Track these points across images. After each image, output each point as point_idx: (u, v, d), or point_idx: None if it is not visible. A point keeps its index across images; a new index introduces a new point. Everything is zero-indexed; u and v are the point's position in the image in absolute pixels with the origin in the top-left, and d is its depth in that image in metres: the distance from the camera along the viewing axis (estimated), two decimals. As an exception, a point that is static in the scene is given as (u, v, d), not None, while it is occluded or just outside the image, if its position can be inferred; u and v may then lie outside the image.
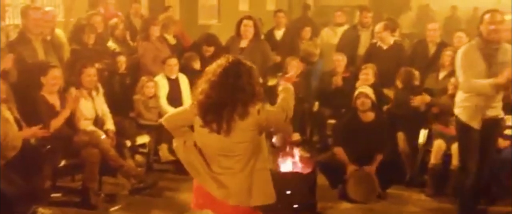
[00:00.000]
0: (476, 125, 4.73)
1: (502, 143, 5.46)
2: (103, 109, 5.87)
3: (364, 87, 5.88)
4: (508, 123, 5.56)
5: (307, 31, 8.49)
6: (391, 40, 7.33)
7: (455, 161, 5.41)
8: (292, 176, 5.01)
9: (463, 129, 4.83)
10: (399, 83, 6.43)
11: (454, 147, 5.35)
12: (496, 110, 4.80)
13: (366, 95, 5.64)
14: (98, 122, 5.76)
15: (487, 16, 4.67)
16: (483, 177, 4.90)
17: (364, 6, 9.10)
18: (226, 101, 3.07)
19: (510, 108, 5.56)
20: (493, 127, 4.81)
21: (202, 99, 3.11)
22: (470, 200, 4.94)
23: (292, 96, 3.41)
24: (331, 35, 8.81)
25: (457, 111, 4.87)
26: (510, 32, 7.33)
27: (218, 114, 3.08)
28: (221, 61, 3.16)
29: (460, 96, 4.86)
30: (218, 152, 3.20)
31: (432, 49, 7.13)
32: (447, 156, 5.65)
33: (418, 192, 5.70)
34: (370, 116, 5.69)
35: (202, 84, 3.14)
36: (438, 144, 5.69)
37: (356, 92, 5.76)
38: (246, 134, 3.12)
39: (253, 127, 3.12)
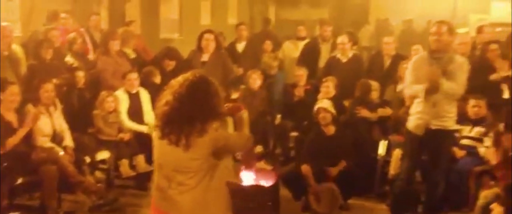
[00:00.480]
0: (419, 131, 4.90)
1: (458, 153, 5.60)
2: (62, 124, 5.77)
3: (323, 102, 5.93)
4: (464, 133, 5.70)
5: (268, 45, 8.56)
6: (350, 53, 7.46)
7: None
8: (255, 189, 5.00)
9: (407, 135, 5.07)
10: (356, 94, 6.57)
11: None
12: (446, 122, 4.88)
13: (325, 110, 5.70)
14: (56, 138, 5.65)
15: (433, 27, 4.89)
16: (435, 186, 5.03)
17: (324, 20, 9.23)
18: (189, 114, 3.02)
19: (466, 119, 5.73)
20: (441, 138, 4.90)
21: (166, 110, 3.06)
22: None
23: (247, 124, 3.40)
24: (293, 49, 8.89)
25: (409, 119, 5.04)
26: (465, 45, 7.62)
27: (178, 127, 3.04)
28: (188, 75, 3.11)
29: (413, 105, 5.03)
30: (173, 167, 3.12)
31: (387, 61, 7.30)
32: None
33: (379, 202, 5.77)
34: (331, 129, 5.75)
35: (167, 96, 3.08)
36: (396, 154, 5.78)
37: (315, 108, 5.81)
38: (201, 151, 3.05)
39: (209, 144, 3.05)
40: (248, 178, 5.12)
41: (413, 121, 4.99)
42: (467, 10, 16.19)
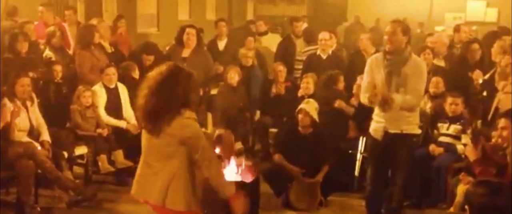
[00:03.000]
0: (377, 135, 4.80)
1: (436, 150, 5.66)
2: (38, 119, 5.68)
3: (309, 103, 5.79)
4: (442, 131, 5.77)
5: (250, 41, 8.57)
6: (330, 50, 7.51)
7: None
8: (236, 185, 4.98)
9: (369, 139, 5.03)
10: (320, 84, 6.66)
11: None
12: (403, 126, 4.71)
13: (307, 113, 5.63)
14: (33, 133, 5.56)
15: (387, 27, 4.72)
16: (398, 188, 4.87)
17: (295, 17, 9.49)
18: (162, 105, 3.22)
19: (444, 117, 5.81)
20: (399, 142, 4.74)
21: (142, 103, 3.26)
22: (372, 205, 5.09)
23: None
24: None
25: None
26: (442, 44, 7.74)
27: (153, 118, 3.25)
28: (162, 69, 3.30)
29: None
30: (148, 153, 3.38)
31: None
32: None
33: (359, 199, 5.79)
34: (308, 130, 5.72)
35: (144, 89, 3.28)
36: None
37: (299, 107, 5.74)
38: (169, 137, 3.23)
39: (176, 131, 3.21)
40: (228, 173, 5.11)
41: (373, 124, 4.89)
42: (443, 9, 16.42)
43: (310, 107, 5.69)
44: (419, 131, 4.98)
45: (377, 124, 4.83)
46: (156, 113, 3.22)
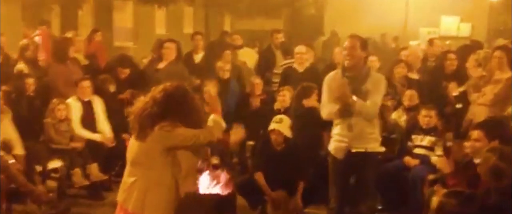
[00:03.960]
0: (339, 155, 4.60)
1: (411, 161, 5.70)
2: (11, 133, 5.59)
3: (281, 122, 5.62)
4: (416, 142, 5.82)
5: (227, 54, 8.58)
6: (306, 63, 7.55)
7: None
8: (212, 198, 4.96)
9: (330, 158, 4.77)
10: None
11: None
12: (367, 144, 4.55)
13: (279, 133, 5.51)
14: (5, 146, 5.46)
15: (345, 42, 4.50)
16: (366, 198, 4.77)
17: (276, 29, 9.49)
18: (159, 115, 3.32)
19: (418, 128, 5.87)
20: (363, 161, 4.57)
21: (139, 108, 3.39)
22: None
23: (217, 127, 3.61)
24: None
25: None
26: (415, 57, 7.86)
27: (143, 123, 3.35)
28: (167, 84, 3.44)
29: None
30: (131, 159, 3.44)
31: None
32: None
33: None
34: (282, 145, 5.63)
35: (147, 98, 3.41)
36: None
37: (270, 127, 5.59)
38: (152, 145, 3.31)
39: (158, 137, 3.31)
40: (204, 186, 5.09)
41: (333, 143, 4.65)
42: (418, 24, 16.70)
43: (283, 126, 5.56)
44: (382, 149, 4.86)
45: (338, 143, 4.61)
46: (149, 120, 3.33)
